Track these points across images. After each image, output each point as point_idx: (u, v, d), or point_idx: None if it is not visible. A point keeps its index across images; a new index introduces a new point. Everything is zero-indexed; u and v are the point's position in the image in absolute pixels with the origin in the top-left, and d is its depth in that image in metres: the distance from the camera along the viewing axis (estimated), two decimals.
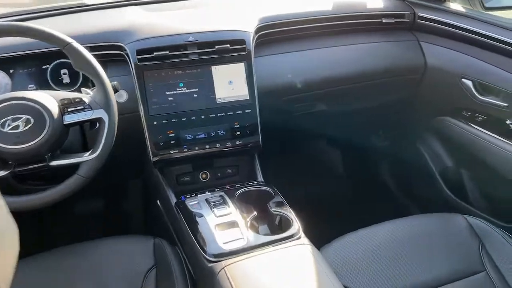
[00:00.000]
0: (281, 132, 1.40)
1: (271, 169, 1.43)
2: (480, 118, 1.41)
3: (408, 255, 1.16)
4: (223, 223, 0.99)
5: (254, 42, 1.32)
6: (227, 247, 0.92)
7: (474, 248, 1.19)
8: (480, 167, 1.42)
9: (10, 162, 0.98)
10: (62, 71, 1.23)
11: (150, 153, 1.22)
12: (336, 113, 1.59)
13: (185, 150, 1.24)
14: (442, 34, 1.47)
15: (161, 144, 1.22)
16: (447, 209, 1.40)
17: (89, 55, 1.02)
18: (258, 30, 1.36)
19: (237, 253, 0.91)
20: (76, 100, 1.00)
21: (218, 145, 1.26)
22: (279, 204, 1.07)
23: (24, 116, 0.94)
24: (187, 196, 1.15)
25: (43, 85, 1.22)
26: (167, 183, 1.27)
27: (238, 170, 1.39)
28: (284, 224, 1.02)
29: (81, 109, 1.00)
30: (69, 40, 1.00)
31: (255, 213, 1.03)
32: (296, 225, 0.98)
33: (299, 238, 0.95)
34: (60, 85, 1.23)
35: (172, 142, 1.23)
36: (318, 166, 1.94)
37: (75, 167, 1.02)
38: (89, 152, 1.02)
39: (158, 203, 1.52)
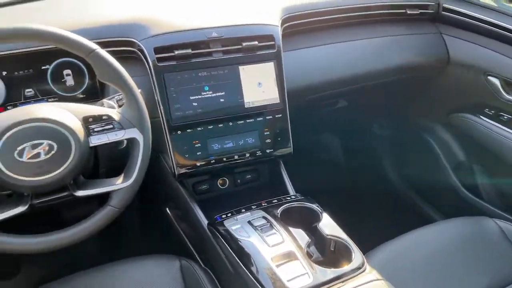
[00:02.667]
0: (297, 132, 1.29)
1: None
2: (505, 117, 1.38)
3: (448, 267, 1.12)
4: (279, 255, 0.88)
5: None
6: (294, 286, 0.83)
7: (510, 255, 1.18)
8: (503, 167, 1.40)
9: (26, 194, 0.81)
10: (65, 71, 1.05)
11: (174, 166, 1.08)
12: (356, 109, 1.51)
13: (212, 161, 1.11)
14: (467, 28, 1.40)
15: (186, 156, 1.08)
16: (466, 210, 1.39)
17: (117, 64, 0.85)
18: (283, 22, 1.22)
19: None
20: (103, 117, 0.84)
21: (247, 155, 1.14)
22: (331, 226, 0.98)
23: (45, 142, 0.78)
24: (223, 217, 1.03)
25: (42, 89, 1.04)
26: (191, 198, 1.14)
27: (259, 175, 1.28)
28: (338, 250, 0.94)
29: (110, 128, 0.84)
30: (94, 46, 0.83)
31: (308, 239, 0.93)
32: (359, 255, 0.90)
33: (365, 269, 0.88)
34: (63, 88, 1.05)
35: (198, 153, 1.09)
36: (332, 163, 1.87)
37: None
38: (121, 178, 0.87)
39: (168, 211, 1.39)
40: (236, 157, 1.13)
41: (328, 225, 0.98)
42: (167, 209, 1.38)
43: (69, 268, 1.09)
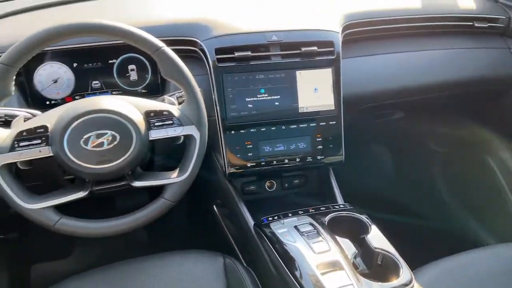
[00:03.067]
0: (349, 140, 1.28)
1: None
2: None
3: None
4: (324, 263, 0.88)
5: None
6: None
7: None
8: None
9: (87, 181, 0.86)
10: (130, 67, 1.10)
11: (226, 164, 1.10)
12: (412, 121, 1.46)
13: (263, 163, 1.12)
14: None
15: (237, 155, 1.10)
16: None
17: (181, 63, 0.88)
18: (344, 29, 1.21)
19: None
20: (164, 113, 0.87)
21: (297, 160, 1.14)
22: (379, 239, 0.96)
23: (109, 132, 0.82)
24: (270, 219, 1.04)
25: (108, 82, 1.10)
26: (239, 198, 1.15)
27: (307, 181, 1.28)
28: (386, 264, 0.92)
29: (170, 123, 0.87)
30: (160, 44, 0.86)
31: (355, 250, 0.92)
32: (407, 271, 0.88)
33: (413, 287, 0.85)
34: (127, 82, 1.10)
35: (249, 154, 1.11)
36: (382, 175, 1.83)
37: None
38: (176, 172, 0.90)
39: (215, 208, 1.42)
40: (286, 161, 1.13)
41: (376, 238, 0.96)
42: (214, 206, 1.41)
43: (117, 255, 1.14)
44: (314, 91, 1.13)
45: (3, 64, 0.77)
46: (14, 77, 0.80)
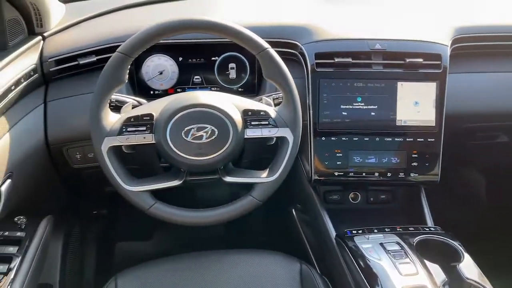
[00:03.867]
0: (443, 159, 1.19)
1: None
2: None
3: None
4: (410, 286, 0.83)
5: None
6: None
7: None
8: None
9: (182, 170, 0.90)
10: (230, 65, 1.12)
11: (312, 170, 1.09)
12: None
13: (351, 173, 1.09)
14: None
15: (326, 163, 1.08)
16: None
17: (284, 65, 0.88)
18: (453, 42, 1.14)
19: None
20: (261, 113, 0.88)
21: (389, 174, 1.09)
22: (473, 270, 0.89)
23: (209, 127, 0.85)
24: (354, 232, 1.01)
25: (208, 78, 1.13)
26: (322, 206, 1.13)
27: (394, 198, 1.22)
28: None
29: (266, 124, 0.88)
30: (266, 45, 0.87)
31: (445, 278, 0.86)
32: None
33: None
34: (225, 80, 1.13)
35: (338, 162, 1.08)
36: (475, 201, 1.71)
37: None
38: (266, 172, 0.91)
39: (293, 213, 1.41)
40: (376, 174, 1.09)
41: (469, 268, 0.89)
42: (293, 210, 1.40)
43: (193, 245, 1.17)
44: (415, 104, 1.08)
45: (122, 53, 0.82)
46: (129, 66, 0.85)
